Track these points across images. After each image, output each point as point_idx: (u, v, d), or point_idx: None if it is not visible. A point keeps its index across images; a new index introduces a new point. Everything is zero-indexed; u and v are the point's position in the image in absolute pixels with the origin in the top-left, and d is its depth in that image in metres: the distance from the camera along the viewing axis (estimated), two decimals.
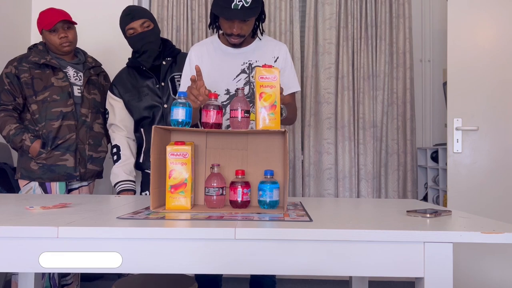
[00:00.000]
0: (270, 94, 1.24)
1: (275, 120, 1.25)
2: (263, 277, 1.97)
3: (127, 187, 2.08)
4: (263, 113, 1.25)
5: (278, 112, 1.25)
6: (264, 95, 1.24)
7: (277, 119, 1.25)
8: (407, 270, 0.97)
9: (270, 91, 1.25)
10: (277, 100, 1.24)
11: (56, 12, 2.16)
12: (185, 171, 1.25)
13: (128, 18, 2.05)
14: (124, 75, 2.16)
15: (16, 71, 2.13)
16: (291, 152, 3.21)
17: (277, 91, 1.25)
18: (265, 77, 1.25)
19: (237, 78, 1.80)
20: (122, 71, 2.20)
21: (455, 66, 2.53)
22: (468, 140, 2.52)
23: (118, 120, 2.13)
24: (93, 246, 0.98)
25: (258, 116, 1.25)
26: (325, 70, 3.21)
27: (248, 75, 1.78)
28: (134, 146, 2.17)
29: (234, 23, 1.67)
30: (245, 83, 1.80)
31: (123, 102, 2.13)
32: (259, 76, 1.25)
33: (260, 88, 1.25)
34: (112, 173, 2.12)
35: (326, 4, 3.24)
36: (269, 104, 1.24)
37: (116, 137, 2.13)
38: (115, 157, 2.12)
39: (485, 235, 0.94)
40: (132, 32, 2.05)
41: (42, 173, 2.12)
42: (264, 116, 1.25)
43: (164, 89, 2.11)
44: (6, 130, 2.10)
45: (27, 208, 1.25)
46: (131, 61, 2.16)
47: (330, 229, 0.96)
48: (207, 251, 0.98)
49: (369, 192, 3.15)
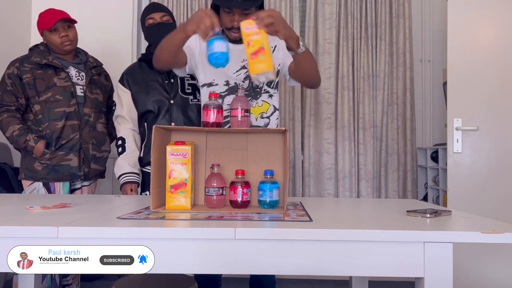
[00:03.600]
0: (257, 40, 1.34)
1: (266, 61, 1.34)
2: (262, 277, 1.97)
3: (131, 179, 2.07)
4: (253, 58, 1.34)
5: (268, 54, 1.34)
6: (252, 42, 1.34)
7: (268, 60, 1.34)
8: (407, 270, 0.97)
9: (256, 38, 1.34)
10: (265, 43, 1.34)
11: (55, 11, 2.17)
12: (185, 171, 1.25)
13: (150, 8, 2.18)
14: (135, 67, 2.20)
15: (18, 71, 2.13)
16: (291, 152, 3.21)
17: (263, 34, 1.34)
18: (249, 28, 1.34)
19: (237, 73, 1.81)
20: (134, 64, 2.26)
21: (455, 66, 2.53)
22: (468, 140, 2.52)
23: (125, 112, 2.13)
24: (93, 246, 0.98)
25: (249, 61, 1.35)
26: (325, 70, 3.21)
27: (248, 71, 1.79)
28: (139, 139, 2.16)
29: (235, 16, 1.68)
30: (245, 77, 1.81)
31: (131, 94, 2.14)
32: (244, 28, 1.35)
33: (247, 38, 1.34)
34: (116, 165, 2.11)
35: (326, 4, 3.24)
36: (258, 48, 1.33)
37: (122, 129, 2.13)
38: (120, 149, 2.11)
39: (485, 235, 0.94)
40: (151, 21, 2.13)
41: (46, 173, 2.12)
42: (255, 59, 1.34)
43: (173, 86, 2.12)
44: (9, 131, 2.10)
45: (27, 208, 1.25)
46: (144, 55, 2.20)
47: (330, 229, 0.97)
48: (207, 251, 0.98)
49: (369, 192, 3.15)
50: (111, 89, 2.36)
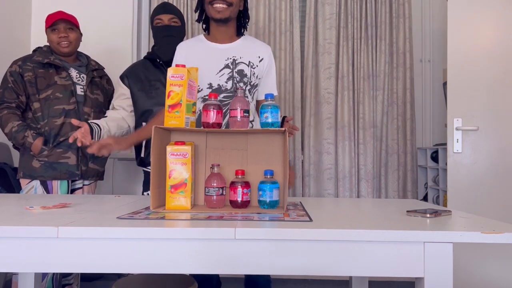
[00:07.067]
0: (177, 92, 1.29)
1: (179, 119, 1.28)
2: (257, 276, 1.97)
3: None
4: (169, 111, 1.29)
5: (183, 111, 1.28)
6: (172, 93, 1.29)
7: (181, 117, 1.28)
8: (407, 270, 0.97)
9: (177, 90, 1.29)
10: (182, 99, 1.29)
11: (59, 12, 2.20)
12: (185, 171, 1.25)
13: (160, 9, 2.17)
14: (139, 66, 2.20)
15: (20, 70, 2.15)
16: (291, 152, 3.21)
17: (184, 88, 1.29)
18: (175, 76, 1.29)
19: (220, 73, 1.81)
20: (138, 62, 2.27)
21: (455, 66, 2.53)
22: (468, 140, 2.52)
23: (116, 104, 2.16)
24: (93, 246, 0.98)
25: (166, 113, 1.30)
26: (325, 70, 3.21)
27: (232, 70, 1.80)
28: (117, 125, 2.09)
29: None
30: (228, 78, 1.81)
31: (130, 93, 2.15)
32: (170, 74, 1.30)
33: (169, 87, 1.29)
34: None
35: (326, 4, 3.24)
36: (175, 103, 1.29)
37: (108, 113, 2.15)
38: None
39: (485, 235, 0.94)
40: (158, 22, 2.14)
41: (44, 171, 2.12)
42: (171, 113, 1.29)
43: None
44: (8, 127, 2.11)
45: (27, 208, 1.25)
46: (149, 54, 2.22)
47: (330, 229, 0.96)
48: (207, 251, 0.98)
49: (369, 192, 3.15)
50: (112, 94, 2.36)
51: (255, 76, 1.82)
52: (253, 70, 1.81)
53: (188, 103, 1.31)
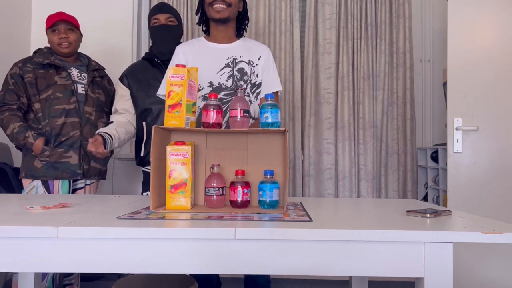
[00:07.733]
0: (177, 92, 1.28)
1: (179, 119, 1.28)
2: (257, 276, 1.97)
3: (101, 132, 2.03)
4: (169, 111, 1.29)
5: (183, 111, 1.28)
6: (172, 93, 1.28)
7: (181, 117, 1.28)
8: (407, 270, 0.97)
9: (177, 90, 1.28)
10: (182, 99, 1.28)
11: (60, 12, 2.20)
12: (185, 171, 1.25)
13: (157, 9, 2.19)
14: (138, 66, 2.22)
15: (20, 71, 2.16)
16: (291, 152, 3.21)
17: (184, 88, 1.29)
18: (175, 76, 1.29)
19: (221, 72, 1.82)
20: (136, 62, 2.29)
21: (455, 66, 2.53)
22: (468, 140, 2.52)
23: (120, 107, 2.18)
24: (93, 246, 0.98)
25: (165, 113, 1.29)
26: (325, 70, 3.22)
27: (232, 69, 1.82)
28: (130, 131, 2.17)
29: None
30: (229, 76, 1.82)
31: (130, 93, 2.16)
32: (169, 74, 1.29)
33: (169, 87, 1.29)
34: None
35: (326, 4, 3.24)
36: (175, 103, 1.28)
37: (113, 117, 2.18)
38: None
39: (485, 235, 0.94)
40: (155, 21, 2.16)
41: (46, 171, 2.12)
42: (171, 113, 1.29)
43: None
44: (10, 129, 2.11)
45: (27, 208, 1.25)
46: (147, 54, 2.24)
47: (330, 229, 0.96)
48: (207, 251, 0.98)
49: (369, 192, 3.15)
50: (113, 94, 2.37)
51: (255, 74, 1.83)
52: (253, 68, 1.83)
53: (188, 103, 1.31)
